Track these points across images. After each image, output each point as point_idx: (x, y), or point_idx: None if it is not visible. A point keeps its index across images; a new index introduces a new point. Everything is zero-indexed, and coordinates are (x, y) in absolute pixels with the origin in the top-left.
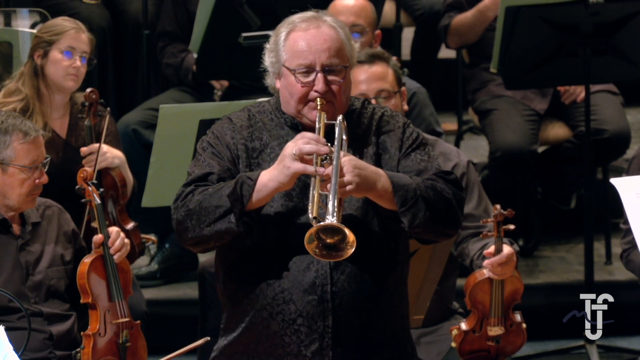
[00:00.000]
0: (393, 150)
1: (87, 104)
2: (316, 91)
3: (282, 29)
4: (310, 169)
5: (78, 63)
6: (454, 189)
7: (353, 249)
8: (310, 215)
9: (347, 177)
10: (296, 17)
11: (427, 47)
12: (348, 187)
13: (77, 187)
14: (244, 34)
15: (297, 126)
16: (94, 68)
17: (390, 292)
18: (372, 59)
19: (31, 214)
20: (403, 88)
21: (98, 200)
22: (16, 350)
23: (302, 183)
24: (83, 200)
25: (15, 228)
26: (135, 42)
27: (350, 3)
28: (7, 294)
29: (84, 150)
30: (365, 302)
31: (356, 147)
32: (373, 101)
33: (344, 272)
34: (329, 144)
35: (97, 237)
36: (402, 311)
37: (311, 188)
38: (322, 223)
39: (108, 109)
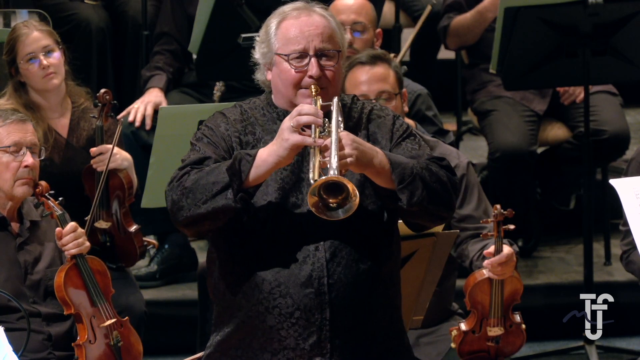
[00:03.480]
0: (384, 142)
1: (100, 104)
2: (310, 76)
3: (273, 19)
4: (308, 140)
5: (45, 62)
6: (447, 174)
7: (357, 199)
8: (311, 181)
9: (347, 150)
10: (286, 7)
11: (427, 48)
12: (348, 160)
13: (36, 202)
14: (243, 35)
15: None
16: (94, 69)
17: (385, 283)
18: (374, 60)
19: (30, 213)
20: (404, 89)
21: (59, 211)
22: (15, 351)
23: (295, 177)
24: (44, 215)
25: (14, 226)
26: (134, 43)
27: (350, 2)
28: (6, 295)
29: (93, 150)
30: (361, 293)
31: None
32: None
33: (340, 264)
34: (326, 119)
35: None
36: (397, 301)
37: (310, 157)
38: (325, 177)
39: (120, 119)
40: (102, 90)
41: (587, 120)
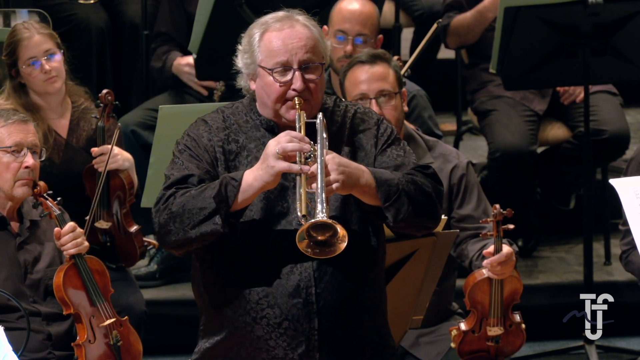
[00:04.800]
0: (369, 147)
1: (102, 104)
2: (294, 89)
3: (255, 29)
4: (295, 167)
5: (47, 67)
6: (433, 183)
7: (345, 244)
8: (299, 214)
9: (333, 176)
10: (269, 17)
11: (427, 48)
12: (334, 186)
13: (34, 202)
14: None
15: (274, 128)
16: (93, 68)
17: (371, 289)
18: (374, 59)
19: (30, 212)
20: (404, 89)
21: (57, 211)
22: (15, 350)
23: (280, 186)
24: (42, 215)
25: (14, 226)
26: (133, 43)
27: (357, 11)
28: (6, 294)
29: (95, 150)
30: (348, 301)
31: (331, 145)
32: (374, 101)
33: (327, 272)
34: (312, 142)
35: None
36: (382, 307)
37: (297, 187)
38: (312, 220)
39: (119, 124)
40: (105, 91)
41: (587, 120)
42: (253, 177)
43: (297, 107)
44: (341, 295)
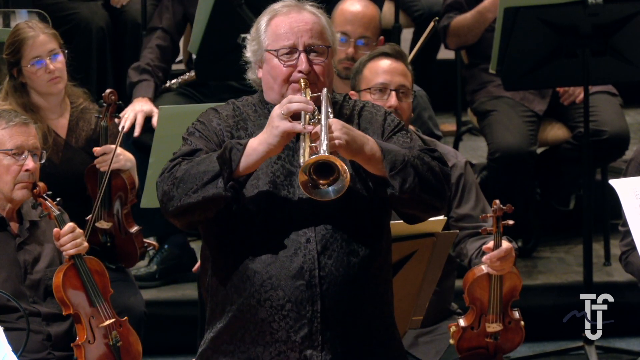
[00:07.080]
0: (375, 136)
1: (105, 104)
2: (300, 71)
3: (263, 17)
4: (298, 127)
5: (51, 67)
6: (439, 164)
7: (348, 178)
8: (301, 162)
9: (336, 134)
10: (276, 5)
11: (426, 48)
12: (337, 142)
13: (33, 202)
14: (243, 35)
15: None
16: (93, 68)
17: (375, 277)
18: (398, 54)
19: (30, 213)
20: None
21: (57, 212)
22: (15, 350)
23: (286, 171)
24: (41, 215)
25: (13, 226)
26: (134, 43)
27: (360, 13)
28: (6, 295)
29: (98, 150)
30: (352, 287)
31: None
32: (393, 93)
33: (331, 256)
34: (316, 108)
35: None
36: (387, 297)
37: (301, 142)
38: (315, 156)
39: (120, 127)
40: (108, 91)
41: (587, 120)
42: (258, 141)
43: (302, 87)
44: (345, 279)
